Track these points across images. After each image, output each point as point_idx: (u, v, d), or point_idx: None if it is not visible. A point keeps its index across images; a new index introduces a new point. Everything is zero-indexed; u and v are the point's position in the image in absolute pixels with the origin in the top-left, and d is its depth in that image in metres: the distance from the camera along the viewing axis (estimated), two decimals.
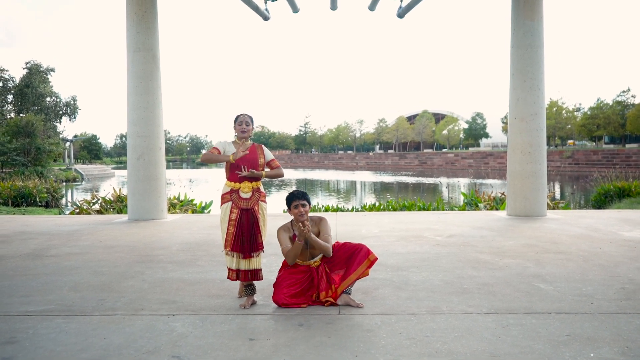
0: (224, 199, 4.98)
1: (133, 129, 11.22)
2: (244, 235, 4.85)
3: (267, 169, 5.10)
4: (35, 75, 58.56)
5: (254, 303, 4.88)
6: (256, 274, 4.92)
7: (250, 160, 4.96)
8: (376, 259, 4.73)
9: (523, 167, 11.34)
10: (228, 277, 4.95)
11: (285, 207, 5.00)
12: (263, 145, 5.20)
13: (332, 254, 4.78)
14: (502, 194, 15.82)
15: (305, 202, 4.78)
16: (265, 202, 5.05)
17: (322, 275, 4.74)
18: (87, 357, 3.61)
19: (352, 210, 15.44)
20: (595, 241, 8.06)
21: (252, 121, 5.11)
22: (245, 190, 4.90)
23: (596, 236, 8.53)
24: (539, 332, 4.00)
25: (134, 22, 11.17)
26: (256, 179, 4.96)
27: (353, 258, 4.71)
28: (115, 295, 5.24)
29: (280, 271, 4.93)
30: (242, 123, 5.03)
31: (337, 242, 4.93)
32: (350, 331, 4.07)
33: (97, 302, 4.97)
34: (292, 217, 4.87)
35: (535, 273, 5.98)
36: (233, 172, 4.92)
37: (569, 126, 75.37)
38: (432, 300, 4.90)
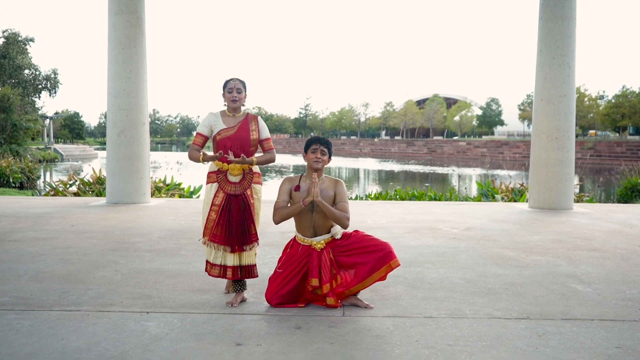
0: (209, 178, 4.54)
1: (113, 101, 10.77)
2: (232, 225, 4.40)
3: (258, 154, 4.61)
4: (13, 46, 57.69)
5: (243, 300, 4.47)
6: (250, 271, 4.49)
7: (240, 140, 4.48)
8: (398, 265, 4.25)
9: (549, 155, 10.90)
10: (206, 271, 4.52)
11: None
12: (259, 117, 4.69)
13: (348, 224, 4.30)
14: (521, 185, 15.42)
15: (325, 150, 4.37)
16: (260, 183, 4.62)
17: (325, 262, 4.27)
18: None
19: (355, 198, 15.05)
20: (633, 238, 7.67)
21: (245, 87, 4.63)
22: (235, 172, 4.45)
23: (632, 232, 8.13)
24: (583, 342, 3.60)
25: None
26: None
27: (370, 257, 4.20)
28: (82, 287, 4.84)
29: (279, 262, 4.49)
30: (233, 90, 4.55)
31: (357, 231, 4.45)
32: (357, 337, 3.67)
33: (59, 295, 4.57)
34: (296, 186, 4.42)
35: (569, 272, 5.58)
36: (219, 150, 4.47)
37: (591, 115, 74.77)
38: (452, 302, 4.50)
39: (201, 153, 4.46)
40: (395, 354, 3.38)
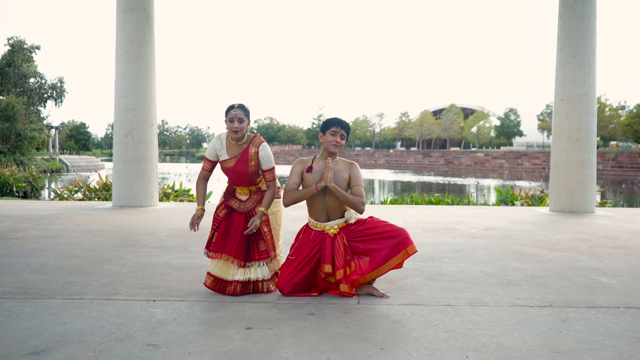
0: (221, 199, 4.67)
1: (121, 101, 10.79)
2: (229, 237, 4.37)
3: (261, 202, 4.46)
4: (18, 53, 58.12)
5: None
6: (256, 287, 4.34)
7: (238, 173, 4.44)
8: (415, 252, 4.18)
9: (569, 156, 10.81)
10: (204, 284, 4.41)
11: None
12: (262, 145, 4.43)
13: (364, 209, 4.26)
14: (542, 191, 15.33)
15: (344, 134, 4.33)
16: (278, 197, 4.60)
17: (338, 247, 4.23)
18: (37, 343, 3.18)
19: (371, 203, 15.02)
20: None
21: (248, 114, 4.41)
22: (243, 191, 4.50)
23: None
24: (609, 327, 3.54)
25: None
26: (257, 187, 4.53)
27: (386, 243, 4.14)
28: (86, 278, 4.82)
29: (291, 249, 4.44)
30: (234, 120, 4.35)
31: (372, 217, 4.42)
32: (373, 322, 3.63)
33: (62, 286, 4.55)
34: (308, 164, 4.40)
35: (593, 266, 5.50)
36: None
37: (612, 125, 74.27)
38: (471, 292, 4.44)
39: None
40: (413, 337, 3.33)
